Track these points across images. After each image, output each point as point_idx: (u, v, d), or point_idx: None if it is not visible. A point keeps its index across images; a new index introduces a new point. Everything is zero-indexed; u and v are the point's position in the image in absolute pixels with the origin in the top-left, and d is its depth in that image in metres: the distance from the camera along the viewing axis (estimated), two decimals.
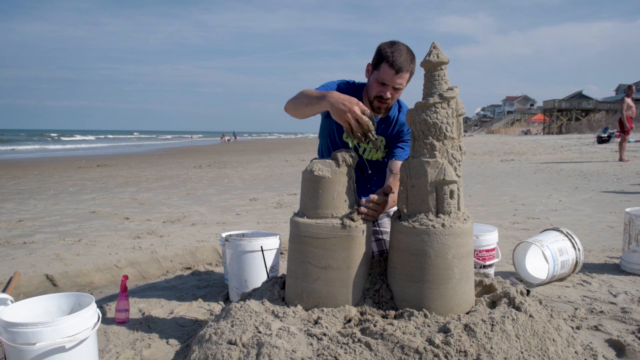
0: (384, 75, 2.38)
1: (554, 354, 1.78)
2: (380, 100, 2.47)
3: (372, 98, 2.50)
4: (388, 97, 2.44)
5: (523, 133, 51.65)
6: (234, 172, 12.19)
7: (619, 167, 11.44)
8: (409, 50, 2.40)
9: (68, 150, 26.90)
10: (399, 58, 2.34)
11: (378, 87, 2.44)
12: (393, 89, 2.43)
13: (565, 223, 4.99)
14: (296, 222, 2.08)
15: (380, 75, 2.40)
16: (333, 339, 1.78)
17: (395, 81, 2.39)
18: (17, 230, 5.09)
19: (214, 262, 3.87)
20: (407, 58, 2.36)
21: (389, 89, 2.42)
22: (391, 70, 2.35)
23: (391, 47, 2.37)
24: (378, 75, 2.41)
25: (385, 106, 2.51)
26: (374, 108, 2.54)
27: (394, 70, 2.35)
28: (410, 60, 2.38)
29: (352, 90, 2.61)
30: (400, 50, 2.36)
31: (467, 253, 2.01)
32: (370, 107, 2.55)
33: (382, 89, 2.43)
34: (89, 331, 1.87)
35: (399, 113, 2.64)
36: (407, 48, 2.39)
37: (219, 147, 32.76)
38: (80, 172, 12.51)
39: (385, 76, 2.38)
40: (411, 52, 2.41)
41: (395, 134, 2.65)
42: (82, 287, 3.28)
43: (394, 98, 2.49)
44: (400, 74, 2.36)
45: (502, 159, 15.31)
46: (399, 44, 2.39)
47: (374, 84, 2.45)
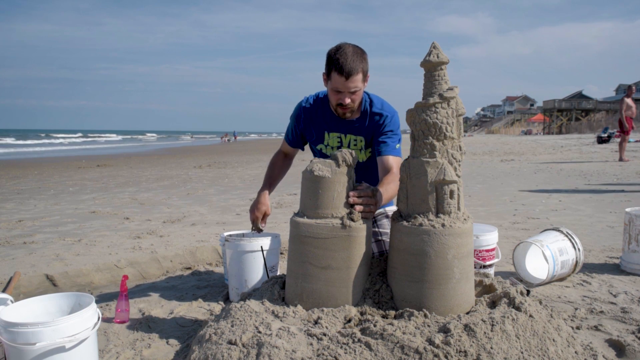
0: (336, 83, 2.37)
1: (554, 354, 1.78)
2: (342, 107, 2.46)
3: (334, 106, 2.51)
4: (347, 102, 2.43)
5: (523, 133, 51.65)
6: (234, 172, 12.19)
7: (619, 167, 11.44)
8: (355, 50, 2.35)
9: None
10: (345, 63, 2.30)
11: (335, 95, 2.43)
12: (350, 93, 2.41)
13: (565, 223, 4.99)
14: (296, 222, 2.08)
15: (333, 84, 2.39)
16: (333, 339, 1.78)
17: (348, 86, 2.36)
18: (17, 230, 5.09)
19: (214, 262, 3.87)
20: (354, 59, 2.32)
21: (346, 94, 2.40)
22: (341, 77, 2.33)
23: (336, 53, 2.34)
24: (331, 85, 2.40)
25: (348, 110, 2.50)
26: (340, 115, 2.54)
27: (343, 76, 2.32)
28: (358, 60, 2.33)
29: (317, 104, 2.66)
30: (346, 53, 2.32)
31: (467, 253, 2.01)
32: (336, 114, 2.57)
33: (339, 96, 2.42)
34: (89, 331, 1.87)
35: (370, 107, 2.60)
36: (353, 49, 2.35)
37: (219, 147, 32.76)
38: (80, 172, 12.51)
39: (337, 84, 2.36)
40: (358, 50, 2.36)
41: (371, 127, 2.60)
42: (82, 287, 3.28)
43: (355, 100, 2.46)
44: (350, 77, 2.33)
45: (502, 159, 15.31)
46: (344, 46, 2.35)
47: (331, 93, 2.45)
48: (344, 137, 2.65)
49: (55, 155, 22.03)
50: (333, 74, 2.35)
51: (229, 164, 15.35)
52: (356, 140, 2.64)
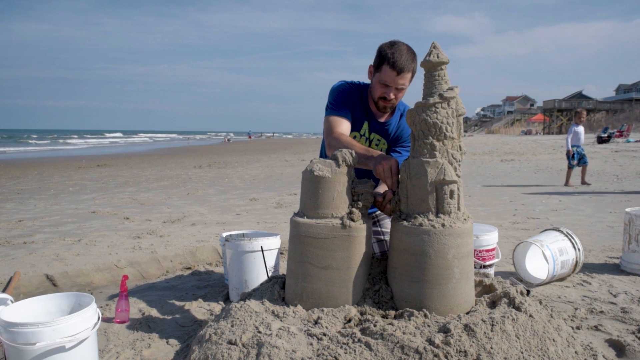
0: (385, 76, 2.39)
1: (554, 354, 1.78)
2: (384, 100, 2.49)
3: (376, 99, 2.51)
4: (391, 97, 2.46)
5: (523, 133, 51.64)
6: (234, 172, 12.19)
7: (619, 167, 11.44)
8: (410, 50, 2.40)
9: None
10: (400, 59, 2.34)
11: (381, 88, 2.45)
12: (396, 90, 2.44)
13: (565, 223, 4.99)
14: (296, 222, 2.08)
15: (382, 77, 2.40)
16: (333, 339, 1.78)
17: (397, 82, 2.39)
18: (17, 230, 5.09)
19: (214, 262, 3.87)
20: (408, 58, 2.37)
21: (392, 89, 2.43)
22: (392, 72, 2.36)
23: (391, 47, 2.37)
24: (380, 77, 2.41)
25: (389, 105, 2.52)
26: (380, 108, 2.55)
27: (395, 71, 2.35)
28: (411, 59, 2.38)
29: (358, 91, 2.62)
30: (401, 50, 2.36)
31: (467, 253, 2.01)
32: (376, 107, 2.56)
33: (385, 90, 2.44)
34: (89, 331, 1.87)
35: (401, 117, 2.65)
36: (407, 47, 2.39)
37: (219, 147, 32.77)
38: (80, 172, 12.51)
39: (387, 78, 2.39)
40: (412, 51, 2.41)
41: (395, 137, 2.67)
42: (82, 287, 3.28)
43: (398, 98, 2.50)
44: (402, 74, 2.37)
45: (502, 159, 15.31)
46: (399, 44, 2.40)
47: (377, 85, 2.46)
48: (369, 133, 2.67)
49: (55, 155, 22.03)
50: (385, 67, 2.37)
51: (229, 164, 15.35)
52: (379, 142, 2.68)
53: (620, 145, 20.92)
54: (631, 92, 55.84)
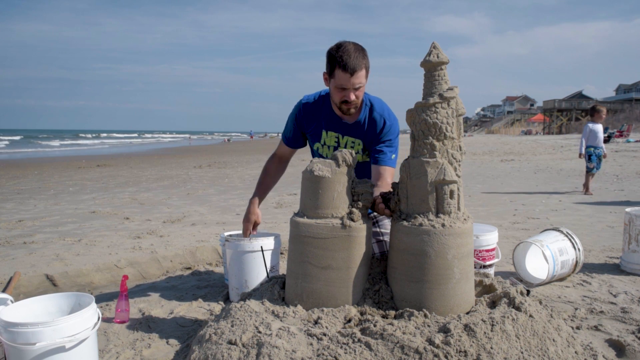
0: (340, 80, 2.38)
1: (554, 354, 1.78)
2: (347, 103, 2.48)
3: (338, 104, 2.51)
4: (352, 99, 2.45)
5: (523, 133, 51.65)
6: (234, 172, 12.19)
7: (619, 167, 11.44)
8: (357, 47, 2.38)
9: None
10: (349, 59, 2.33)
11: (339, 92, 2.44)
12: (354, 90, 2.43)
13: (565, 223, 5.00)
14: (296, 222, 2.08)
15: (337, 82, 2.40)
16: (333, 339, 1.78)
17: (353, 82, 2.38)
18: (17, 230, 5.09)
19: (214, 262, 3.87)
20: (358, 56, 2.35)
21: (350, 91, 2.42)
22: (345, 74, 2.35)
23: (339, 50, 2.36)
24: (335, 82, 2.41)
25: (353, 106, 2.51)
26: (344, 112, 2.54)
27: (348, 73, 2.34)
28: (361, 57, 2.37)
29: (317, 105, 2.66)
30: (349, 51, 2.35)
31: (467, 253, 2.01)
32: (340, 111, 2.57)
33: (344, 93, 2.43)
34: (89, 331, 1.87)
35: (371, 111, 2.61)
36: (354, 46, 2.38)
37: (219, 147, 32.77)
38: (80, 172, 12.51)
39: (342, 81, 2.38)
40: (359, 48, 2.39)
41: (370, 131, 2.61)
42: (82, 287, 3.28)
43: (359, 97, 2.49)
44: (355, 74, 2.36)
45: (502, 159, 15.31)
46: (345, 44, 2.39)
47: (335, 91, 2.46)
48: (342, 137, 2.65)
49: (55, 155, 22.03)
50: (337, 71, 2.37)
51: (229, 164, 15.35)
52: (354, 143, 2.65)
53: (620, 145, 20.91)
54: (631, 92, 55.83)
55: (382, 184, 2.45)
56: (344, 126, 2.63)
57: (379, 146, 2.58)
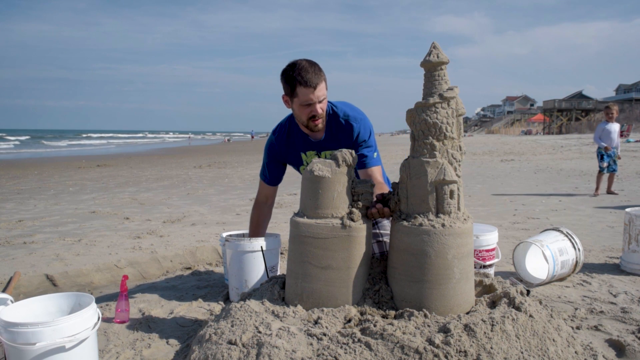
0: (304, 97, 2.41)
1: (554, 354, 1.78)
2: (314, 119, 2.50)
3: (305, 123, 2.53)
4: (319, 112, 2.48)
5: (523, 133, 51.64)
6: (234, 172, 12.19)
7: (619, 167, 11.43)
8: (311, 62, 2.43)
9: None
10: (307, 74, 2.37)
11: (305, 109, 2.47)
12: (319, 103, 2.46)
13: (565, 223, 5.00)
14: (296, 222, 2.08)
15: (301, 99, 2.43)
16: (333, 339, 1.78)
17: (317, 95, 2.42)
18: (17, 230, 5.09)
19: (214, 262, 3.87)
20: (314, 70, 2.40)
21: (315, 104, 2.45)
22: (309, 89, 2.39)
23: (294, 69, 2.40)
24: (299, 100, 2.44)
25: (320, 120, 2.53)
26: (312, 129, 2.56)
27: (311, 87, 2.38)
28: (317, 69, 2.42)
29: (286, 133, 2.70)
30: (305, 67, 2.39)
31: (467, 253, 2.01)
32: (308, 129, 2.58)
33: (310, 109, 2.46)
34: (89, 331, 1.87)
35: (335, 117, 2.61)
36: (307, 61, 2.43)
37: (219, 147, 32.77)
38: (80, 172, 12.51)
39: (306, 97, 2.41)
40: (312, 62, 2.44)
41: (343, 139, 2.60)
42: (82, 287, 3.28)
43: (324, 109, 2.52)
44: (317, 86, 2.40)
45: (502, 159, 15.32)
46: (299, 62, 2.43)
47: (300, 109, 2.48)
48: (320, 154, 2.69)
49: (55, 155, 22.03)
50: (299, 88, 2.40)
51: (229, 164, 15.35)
52: None
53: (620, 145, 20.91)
54: (631, 92, 55.84)
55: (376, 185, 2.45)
56: (317, 144, 2.66)
57: (359, 150, 2.60)
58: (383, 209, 2.12)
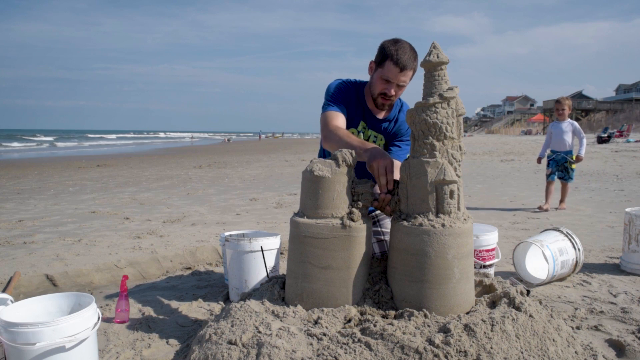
0: (388, 72, 2.41)
1: (554, 354, 1.78)
2: (384, 97, 2.50)
3: (375, 95, 2.52)
4: (392, 94, 2.47)
5: (523, 133, 51.63)
6: (234, 172, 12.19)
7: (619, 167, 11.44)
8: (412, 48, 2.42)
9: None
10: (403, 56, 2.36)
11: (382, 84, 2.46)
12: (397, 86, 2.46)
13: (565, 223, 4.99)
14: (296, 222, 2.08)
15: (384, 73, 2.42)
16: (333, 339, 1.78)
17: (399, 78, 2.41)
18: (17, 230, 5.09)
19: (214, 262, 3.87)
20: (411, 56, 2.39)
21: (393, 86, 2.45)
22: (395, 68, 2.38)
23: (395, 45, 2.39)
24: (382, 73, 2.43)
25: (388, 102, 2.54)
26: (378, 105, 2.56)
27: (398, 67, 2.37)
28: (413, 58, 2.41)
29: (354, 89, 2.63)
30: (404, 48, 2.38)
31: (467, 253, 2.01)
32: (374, 104, 2.57)
33: (386, 86, 2.46)
34: (89, 331, 1.87)
35: (399, 112, 2.67)
36: (410, 46, 2.42)
37: (219, 147, 32.77)
38: (80, 172, 12.51)
39: (390, 74, 2.40)
40: (414, 50, 2.43)
41: (393, 132, 2.67)
42: (82, 287, 3.28)
43: (397, 95, 2.52)
44: (404, 71, 2.39)
45: (502, 159, 15.31)
46: (403, 41, 2.42)
47: (378, 81, 2.47)
48: (366, 130, 2.67)
49: (55, 155, 22.03)
50: (388, 62, 2.39)
51: (229, 164, 15.35)
52: (376, 138, 2.68)
53: (620, 145, 20.92)
54: (631, 92, 55.84)
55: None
56: (371, 120, 2.65)
57: (397, 142, 2.64)
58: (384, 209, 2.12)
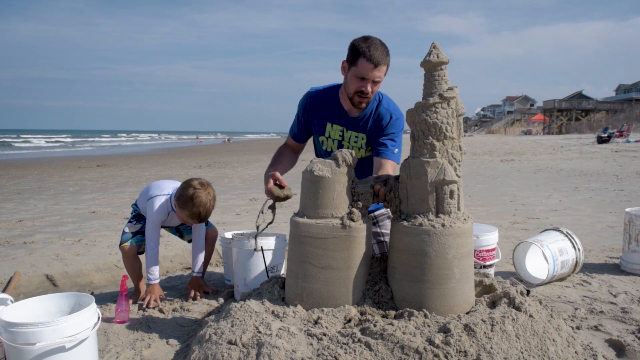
0: (362, 70, 2.39)
1: (554, 354, 1.78)
2: (361, 95, 2.48)
3: (351, 94, 2.50)
4: (368, 90, 2.45)
5: (523, 133, 51.65)
6: (234, 172, 12.19)
7: (619, 167, 11.44)
8: (383, 44, 2.42)
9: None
10: (376, 52, 2.36)
11: (357, 82, 2.45)
12: (372, 83, 2.44)
13: (565, 223, 4.99)
14: (296, 222, 2.08)
15: (358, 71, 2.41)
16: (333, 339, 1.78)
17: (374, 74, 2.40)
18: (17, 230, 5.09)
19: (214, 262, 3.87)
20: (383, 51, 2.39)
21: (369, 82, 2.43)
22: (369, 64, 2.37)
23: (366, 42, 2.39)
24: (356, 71, 2.42)
25: (365, 100, 2.51)
26: (355, 104, 2.54)
27: (372, 64, 2.36)
28: (386, 53, 2.40)
29: (322, 97, 2.65)
30: (376, 44, 2.38)
31: (467, 253, 2.01)
32: (351, 103, 2.55)
33: (362, 83, 2.44)
34: (89, 331, 1.87)
35: (378, 106, 2.61)
36: (380, 42, 2.41)
37: (219, 147, 32.77)
38: (80, 172, 12.51)
39: (364, 71, 2.39)
40: (385, 45, 2.43)
41: (375, 125, 2.61)
42: (82, 287, 3.28)
43: (374, 91, 2.50)
44: (378, 67, 2.38)
45: (502, 159, 15.31)
46: (373, 38, 2.41)
47: (353, 80, 2.46)
48: (346, 132, 2.65)
49: (55, 155, 22.03)
50: (361, 60, 2.38)
51: (229, 164, 15.35)
52: (357, 137, 2.64)
53: (620, 145, 20.92)
54: (631, 92, 55.84)
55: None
56: (348, 120, 2.63)
57: (382, 139, 2.58)
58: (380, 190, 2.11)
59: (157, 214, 2.75)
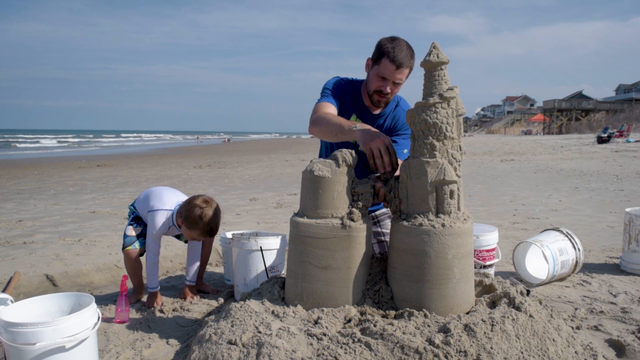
0: (384, 70, 2.41)
1: (554, 354, 1.78)
2: (380, 94, 2.49)
3: (371, 92, 2.51)
4: (388, 91, 2.47)
5: (523, 133, 51.64)
6: (234, 172, 12.19)
7: (619, 167, 11.44)
8: (409, 46, 2.42)
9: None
10: (400, 54, 2.37)
11: (378, 81, 2.46)
12: (393, 84, 2.46)
13: (565, 223, 4.99)
14: (296, 222, 2.08)
15: (380, 70, 2.42)
16: (333, 339, 1.78)
17: (395, 76, 2.41)
18: (17, 230, 5.09)
19: (214, 262, 3.87)
20: (408, 54, 2.39)
21: (389, 83, 2.45)
22: (392, 66, 2.38)
23: (392, 42, 2.40)
24: (379, 70, 2.43)
25: (384, 100, 2.53)
26: (374, 102, 2.55)
27: (394, 65, 2.37)
28: (410, 56, 2.41)
29: (350, 86, 2.63)
30: (401, 46, 2.39)
31: (467, 253, 2.01)
32: (370, 101, 2.56)
33: (382, 83, 2.45)
34: (89, 331, 1.87)
35: (396, 107, 2.64)
36: (407, 44, 2.42)
37: (219, 147, 32.77)
38: (80, 172, 12.51)
39: (386, 71, 2.41)
40: (411, 48, 2.43)
41: (389, 128, 2.65)
42: (82, 287, 3.28)
43: (393, 93, 2.51)
44: (400, 69, 2.39)
45: (502, 159, 15.31)
46: (400, 39, 2.42)
47: (374, 78, 2.47)
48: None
49: (55, 155, 22.03)
50: (384, 60, 2.39)
51: (229, 164, 15.35)
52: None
53: (620, 145, 20.91)
54: (631, 92, 55.84)
55: None
56: (369, 117, 2.63)
57: (394, 137, 2.60)
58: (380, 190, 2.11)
59: (159, 229, 2.78)
